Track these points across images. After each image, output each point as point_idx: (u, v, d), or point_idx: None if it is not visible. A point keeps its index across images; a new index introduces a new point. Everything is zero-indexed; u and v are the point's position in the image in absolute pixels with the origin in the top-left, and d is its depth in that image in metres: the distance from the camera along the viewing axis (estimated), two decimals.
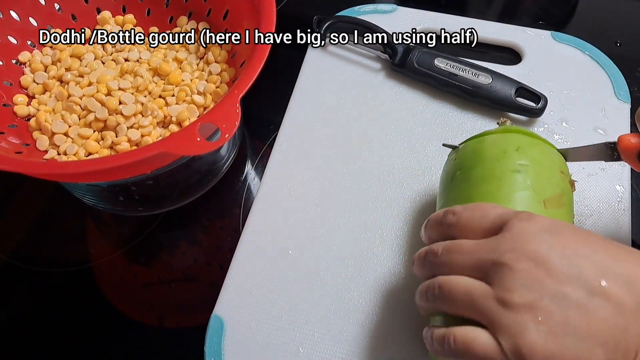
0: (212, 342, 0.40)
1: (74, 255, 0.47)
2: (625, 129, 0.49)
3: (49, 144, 0.45)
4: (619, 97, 0.51)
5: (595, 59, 0.53)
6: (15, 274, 0.47)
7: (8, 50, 0.48)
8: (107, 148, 0.45)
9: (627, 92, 0.51)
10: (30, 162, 0.41)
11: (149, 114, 0.45)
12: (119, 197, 0.47)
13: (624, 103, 0.50)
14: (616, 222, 0.44)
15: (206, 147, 0.35)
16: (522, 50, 0.54)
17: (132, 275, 0.47)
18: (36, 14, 0.50)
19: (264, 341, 0.40)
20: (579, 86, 0.51)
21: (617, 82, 0.51)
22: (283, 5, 0.61)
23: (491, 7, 0.63)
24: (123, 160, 0.35)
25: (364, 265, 0.43)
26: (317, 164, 0.48)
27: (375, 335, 0.40)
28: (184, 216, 0.48)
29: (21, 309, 0.45)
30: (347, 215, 0.45)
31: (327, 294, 0.42)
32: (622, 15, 0.60)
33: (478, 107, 0.50)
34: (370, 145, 0.49)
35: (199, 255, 0.47)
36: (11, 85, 0.48)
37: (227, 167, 0.50)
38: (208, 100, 0.47)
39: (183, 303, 0.45)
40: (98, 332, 0.44)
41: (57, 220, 0.50)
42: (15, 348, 0.43)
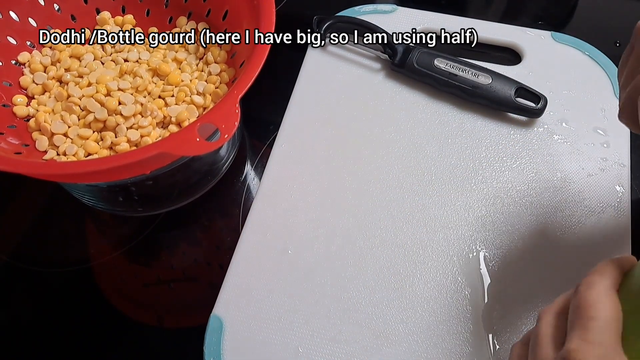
0: (212, 342, 0.40)
1: (74, 255, 0.47)
2: (625, 130, 0.49)
3: (48, 145, 0.45)
4: (619, 97, 0.50)
5: (594, 59, 0.53)
6: (15, 274, 0.47)
7: (7, 50, 0.48)
8: (107, 148, 0.45)
9: None
10: (29, 163, 0.41)
11: (148, 114, 0.45)
12: (119, 197, 0.47)
13: None
14: (616, 223, 0.44)
15: (206, 148, 0.35)
16: (522, 51, 0.54)
17: (131, 275, 0.47)
18: (35, 15, 0.50)
19: (264, 341, 0.40)
20: (578, 86, 0.51)
21: (616, 83, 0.51)
22: (283, 5, 0.61)
23: (491, 7, 0.63)
24: (122, 160, 0.35)
25: (364, 266, 0.43)
26: (316, 164, 0.48)
27: (375, 335, 0.40)
28: (183, 216, 0.48)
29: (21, 309, 0.45)
30: (346, 215, 0.45)
31: (327, 294, 0.42)
32: (622, 15, 0.60)
33: (478, 107, 0.50)
34: (370, 145, 0.49)
35: (198, 255, 0.47)
36: (10, 86, 0.48)
37: (227, 168, 0.50)
38: (207, 101, 0.47)
39: (183, 303, 0.45)
40: (98, 332, 0.44)
41: (57, 220, 0.50)
42: (15, 348, 0.43)
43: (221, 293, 0.42)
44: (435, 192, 0.46)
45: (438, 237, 0.44)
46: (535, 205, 0.45)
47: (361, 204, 0.46)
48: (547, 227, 0.44)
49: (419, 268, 0.43)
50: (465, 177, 0.47)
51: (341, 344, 0.40)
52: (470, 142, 0.49)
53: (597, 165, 0.47)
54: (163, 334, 0.44)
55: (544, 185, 0.46)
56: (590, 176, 0.46)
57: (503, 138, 0.49)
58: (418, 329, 0.40)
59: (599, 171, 0.47)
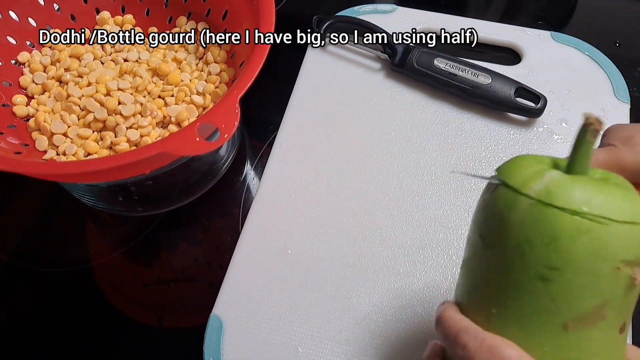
0: (211, 341, 0.40)
1: (74, 255, 0.47)
2: (627, 122, 0.49)
3: (48, 144, 0.45)
4: (619, 97, 0.51)
5: (594, 59, 0.53)
6: (15, 274, 0.47)
7: (7, 50, 0.48)
8: (106, 148, 0.45)
9: (627, 92, 0.51)
10: (29, 163, 0.41)
11: (148, 114, 0.45)
12: (119, 197, 0.47)
13: (624, 103, 0.50)
14: None
15: (205, 148, 0.35)
16: (521, 51, 0.54)
17: (131, 275, 0.47)
18: (35, 14, 0.50)
19: (263, 341, 0.40)
20: (578, 86, 0.51)
21: (616, 83, 0.51)
22: (282, 5, 0.61)
23: (491, 7, 0.63)
24: (122, 160, 0.35)
25: (364, 266, 0.43)
26: (316, 164, 0.48)
27: (375, 335, 0.40)
28: (183, 216, 0.48)
29: (21, 309, 0.45)
30: (346, 215, 0.45)
31: (327, 294, 0.42)
32: (622, 15, 0.60)
33: (477, 107, 0.50)
34: (370, 145, 0.49)
35: (198, 255, 0.47)
36: (10, 86, 0.48)
37: (227, 167, 0.50)
38: (207, 101, 0.47)
39: (183, 303, 0.45)
40: (98, 332, 0.44)
41: (57, 220, 0.50)
42: (15, 348, 0.43)
43: (221, 293, 0.42)
44: (435, 192, 0.46)
45: (438, 237, 0.44)
46: None
47: (361, 204, 0.46)
48: None
49: (419, 268, 0.43)
50: (465, 177, 0.47)
51: (341, 343, 0.40)
52: (470, 142, 0.49)
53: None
54: (163, 334, 0.44)
55: None
56: None
57: (503, 138, 0.49)
58: (417, 328, 0.40)
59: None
